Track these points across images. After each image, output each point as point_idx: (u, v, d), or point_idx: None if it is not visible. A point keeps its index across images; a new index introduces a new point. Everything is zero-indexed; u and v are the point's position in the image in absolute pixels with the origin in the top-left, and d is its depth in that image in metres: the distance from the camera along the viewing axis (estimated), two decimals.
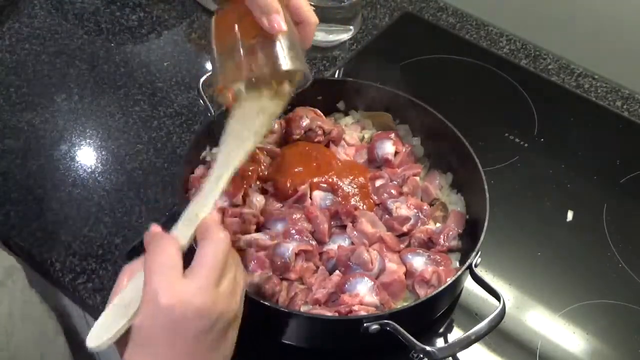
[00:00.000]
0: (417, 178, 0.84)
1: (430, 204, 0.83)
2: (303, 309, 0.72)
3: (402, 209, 0.79)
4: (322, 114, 0.89)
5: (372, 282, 0.72)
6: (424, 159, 0.89)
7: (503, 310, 0.68)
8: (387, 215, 0.80)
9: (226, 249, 0.56)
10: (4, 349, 0.68)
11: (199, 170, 0.84)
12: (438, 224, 0.81)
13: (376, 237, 0.77)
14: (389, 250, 0.77)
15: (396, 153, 0.86)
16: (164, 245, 0.55)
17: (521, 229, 0.88)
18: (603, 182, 0.95)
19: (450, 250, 0.78)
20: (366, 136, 0.91)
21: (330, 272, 0.75)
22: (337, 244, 0.77)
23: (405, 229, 0.78)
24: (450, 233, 0.78)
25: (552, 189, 0.93)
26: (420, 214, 0.80)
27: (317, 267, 0.76)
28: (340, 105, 0.92)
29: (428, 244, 0.78)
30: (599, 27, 1.07)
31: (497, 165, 0.95)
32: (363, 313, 0.69)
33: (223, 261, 0.55)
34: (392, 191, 0.82)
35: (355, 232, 0.77)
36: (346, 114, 0.93)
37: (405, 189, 0.82)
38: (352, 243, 0.77)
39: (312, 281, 0.74)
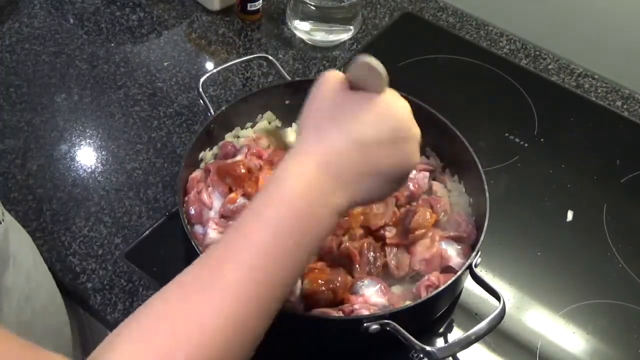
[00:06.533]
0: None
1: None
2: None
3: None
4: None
5: (379, 284, 0.73)
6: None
7: (503, 310, 0.68)
8: None
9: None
10: (26, 315, 0.68)
11: (197, 172, 0.84)
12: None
13: None
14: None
15: None
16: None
17: (521, 229, 0.88)
18: (603, 182, 0.95)
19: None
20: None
21: None
22: None
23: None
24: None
25: (552, 189, 0.93)
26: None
27: None
28: None
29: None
30: (599, 27, 1.07)
31: (497, 165, 0.95)
32: (365, 312, 0.70)
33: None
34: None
35: None
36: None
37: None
38: None
39: None
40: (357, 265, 0.75)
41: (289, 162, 0.56)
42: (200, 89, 0.88)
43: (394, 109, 0.58)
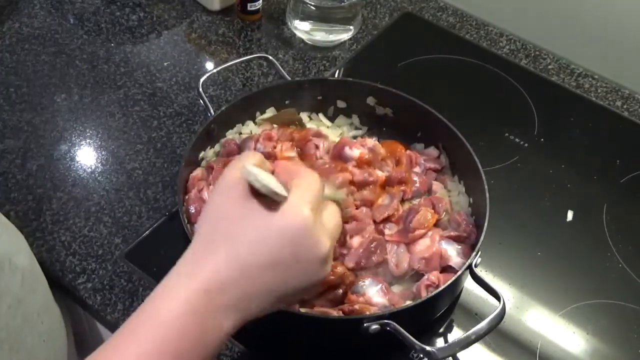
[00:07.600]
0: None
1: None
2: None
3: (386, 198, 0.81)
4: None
5: (381, 284, 0.73)
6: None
7: (503, 310, 0.68)
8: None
9: (320, 184, 0.56)
10: (16, 321, 0.68)
11: (198, 171, 0.84)
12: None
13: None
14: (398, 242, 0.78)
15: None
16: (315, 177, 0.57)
17: (521, 229, 0.88)
18: (603, 182, 0.95)
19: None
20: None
21: None
22: None
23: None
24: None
25: (552, 189, 0.93)
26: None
27: None
28: (341, 104, 0.92)
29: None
30: (599, 27, 1.08)
31: (497, 165, 0.95)
32: (366, 313, 0.70)
33: (320, 190, 0.56)
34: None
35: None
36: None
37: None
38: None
39: None
40: (356, 265, 0.75)
41: (168, 285, 0.52)
42: (200, 89, 0.88)
43: (291, 224, 0.52)
